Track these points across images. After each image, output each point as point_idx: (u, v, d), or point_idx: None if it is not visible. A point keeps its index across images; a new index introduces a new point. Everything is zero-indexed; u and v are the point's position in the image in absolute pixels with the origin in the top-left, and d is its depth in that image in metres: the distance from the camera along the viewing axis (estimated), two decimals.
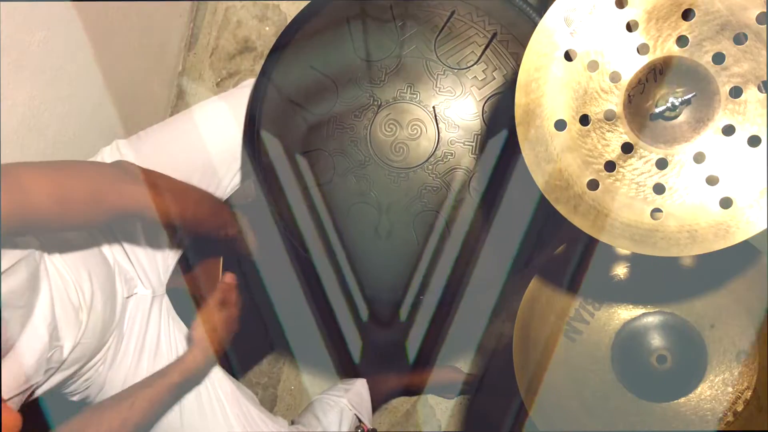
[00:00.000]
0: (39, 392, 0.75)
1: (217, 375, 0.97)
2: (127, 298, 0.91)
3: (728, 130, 0.63)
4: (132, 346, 0.90)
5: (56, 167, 0.71)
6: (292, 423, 1.11)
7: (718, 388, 0.79)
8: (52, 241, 0.79)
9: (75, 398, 0.88)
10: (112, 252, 0.90)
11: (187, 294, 1.10)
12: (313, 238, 0.90)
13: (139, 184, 0.79)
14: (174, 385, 0.86)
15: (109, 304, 0.84)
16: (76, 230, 0.79)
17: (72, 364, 0.79)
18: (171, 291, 1.01)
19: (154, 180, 0.82)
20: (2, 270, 0.66)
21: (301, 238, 0.90)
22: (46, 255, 0.76)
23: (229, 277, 0.94)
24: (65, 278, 0.77)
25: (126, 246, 0.92)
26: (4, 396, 0.67)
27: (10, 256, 0.68)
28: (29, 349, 0.70)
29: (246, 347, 1.36)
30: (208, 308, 0.92)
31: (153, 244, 0.95)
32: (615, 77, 0.66)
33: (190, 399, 0.93)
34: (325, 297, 0.95)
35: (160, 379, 0.86)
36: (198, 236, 0.96)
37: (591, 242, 0.67)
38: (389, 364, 1.38)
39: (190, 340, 0.91)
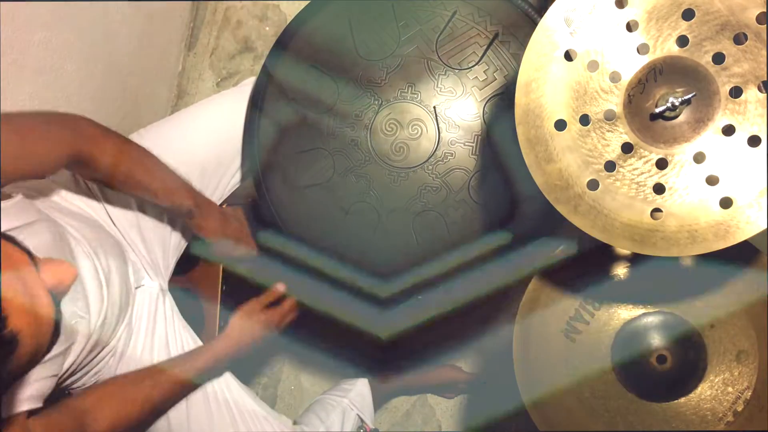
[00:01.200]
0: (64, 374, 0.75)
1: (224, 374, 0.97)
2: (136, 288, 0.91)
3: (728, 130, 0.63)
4: (141, 339, 0.90)
5: (13, 114, 0.71)
6: (295, 423, 1.11)
7: (718, 388, 0.79)
8: (68, 220, 0.79)
9: None
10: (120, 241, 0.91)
11: (187, 294, 1.09)
12: (313, 237, 0.90)
13: (97, 129, 0.79)
14: (200, 369, 0.88)
15: (124, 285, 0.84)
16: (37, 176, 0.77)
17: (93, 344, 0.78)
18: (171, 290, 1.01)
19: (109, 131, 0.81)
20: (21, 224, 0.66)
21: (301, 237, 0.90)
22: (68, 227, 0.76)
23: (281, 286, 0.97)
24: (86, 251, 0.77)
25: (129, 241, 0.92)
26: (48, 355, 0.67)
27: (27, 213, 0.68)
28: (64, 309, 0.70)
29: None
30: (252, 304, 0.95)
31: (153, 242, 0.95)
32: (615, 77, 0.66)
33: (197, 397, 0.93)
34: (324, 296, 0.95)
35: (187, 361, 0.87)
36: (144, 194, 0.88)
37: (591, 242, 0.67)
38: (389, 363, 1.38)
39: (225, 327, 0.93)
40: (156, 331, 0.92)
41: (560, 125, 0.67)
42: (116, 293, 0.81)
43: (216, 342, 0.91)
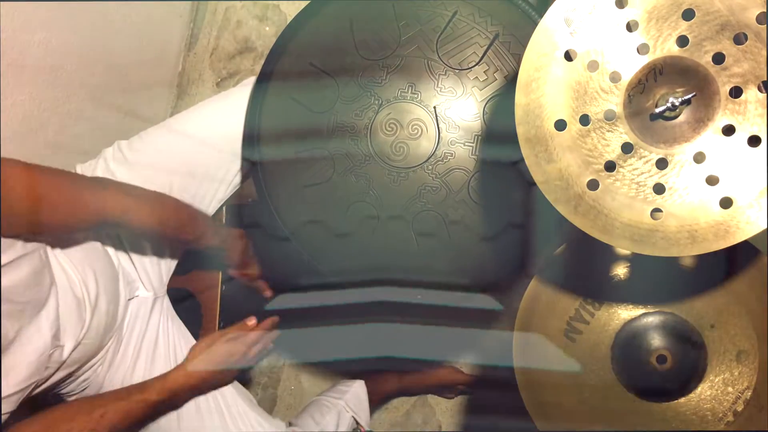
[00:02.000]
0: (38, 390, 0.75)
1: None
2: (129, 300, 0.91)
3: (728, 130, 0.63)
4: (131, 348, 0.90)
5: (40, 169, 0.70)
6: (290, 425, 1.10)
7: (718, 388, 0.79)
8: (60, 240, 0.79)
9: (72, 399, 0.88)
10: (116, 255, 0.91)
11: (187, 294, 1.10)
12: (313, 237, 0.90)
13: (118, 191, 0.79)
14: (150, 402, 0.83)
15: (112, 305, 0.84)
16: (56, 234, 0.77)
17: (72, 363, 0.78)
18: (171, 291, 1.01)
19: (131, 189, 0.83)
20: (2, 264, 0.66)
21: (301, 237, 0.90)
22: (52, 253, 0.76)
23: (252, 320, 0.96)
24: (71, 277, 0.77)
25: (129, 248, 0.92)
26: (5, 392, 0.67)
27: (12, 251, 0.68)
28: (31, 346, 0.70)
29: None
30: (215, 335, 0.92)
31: (155, 245, 0.95)
32: (615, 77, 0.66)
33: None
34: (323, 296, 0.95)
35: (137, 393, 0.83)
36: (178, 244, 0.96)
37: (591, 242, 0.67)
38: (388, 364, 1.38)
39: (184, 358, 0.90)
40: (145, 340, 0.92)
41: (560, 125, 0.67)
42: (102, 315, 0.81)
43: (168, 374, 0.87)
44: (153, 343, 0.93)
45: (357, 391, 1.21)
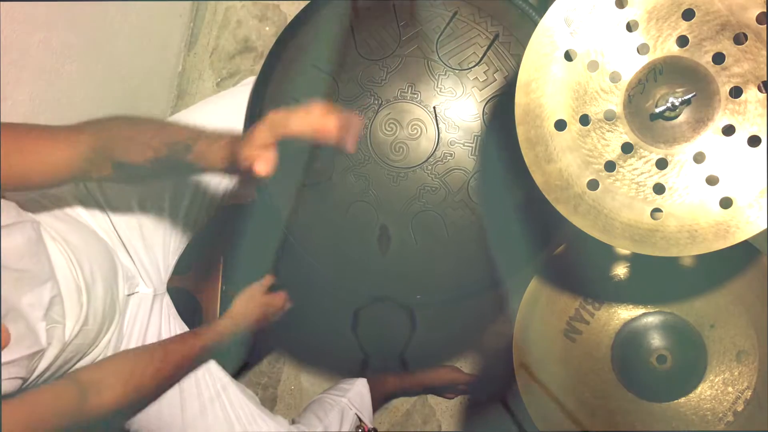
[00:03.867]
0: (43, 372, 0.75)
1: (220, 375, 0.98)
2: (129, 295, 0.91)
3: (728, 130, 0.63)
4: (132, 344, 0.90)
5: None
6: (293, 422, 1.11)
7: (718, 388, 0.79)
8: (52, 223, 0.79)
9: None
10: (115, 249, 0.91)
11: (187, 293, 1.10)
12: (312, 236, 0.90)
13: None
14: (204, 346, 0.91)
15: (109, 294, 0.84)
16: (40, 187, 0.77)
17: (73, 350, 0.78)
18: (171, 290, 1.01)
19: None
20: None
21: (301, 236, 0.90)
22: (47, 233, 0.76)
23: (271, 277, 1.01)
24: (67, 257, 0.77)
25: (127, 244, 0.92)
26: (11, 356, 0.66)
27: (6, 215, 0.68)
28: (32, 311, 0.69)
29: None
30: (255, 287, 1.00)
31: (153, 242, 0.95)
32: (615, 77, 0.66)
33: (192, 397, 0.93)
34: (324, 296, 0.95)
35: (192, 338, 0.91)
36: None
37: (591, 242, 0.67)
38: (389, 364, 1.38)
39: (229, 307, 0.98)
40: (147, 337, 0.92)
41: (560, 125, 0.67)
42: (99, 301, 0.81)
43: (220, 320, 0.96)
44: (155, 340, 0.93)
45: (360, 389, 1.21)
